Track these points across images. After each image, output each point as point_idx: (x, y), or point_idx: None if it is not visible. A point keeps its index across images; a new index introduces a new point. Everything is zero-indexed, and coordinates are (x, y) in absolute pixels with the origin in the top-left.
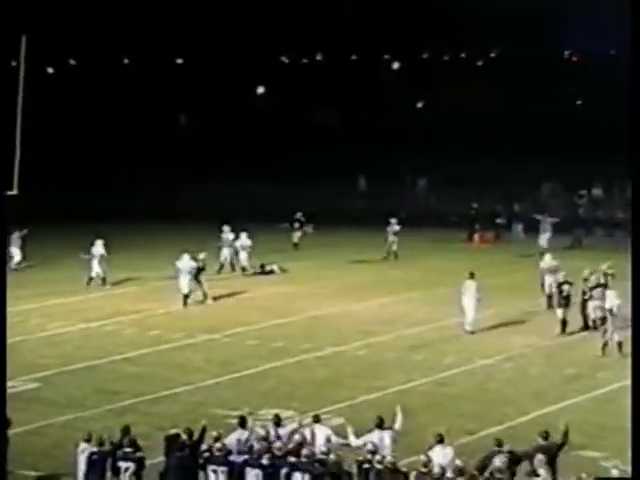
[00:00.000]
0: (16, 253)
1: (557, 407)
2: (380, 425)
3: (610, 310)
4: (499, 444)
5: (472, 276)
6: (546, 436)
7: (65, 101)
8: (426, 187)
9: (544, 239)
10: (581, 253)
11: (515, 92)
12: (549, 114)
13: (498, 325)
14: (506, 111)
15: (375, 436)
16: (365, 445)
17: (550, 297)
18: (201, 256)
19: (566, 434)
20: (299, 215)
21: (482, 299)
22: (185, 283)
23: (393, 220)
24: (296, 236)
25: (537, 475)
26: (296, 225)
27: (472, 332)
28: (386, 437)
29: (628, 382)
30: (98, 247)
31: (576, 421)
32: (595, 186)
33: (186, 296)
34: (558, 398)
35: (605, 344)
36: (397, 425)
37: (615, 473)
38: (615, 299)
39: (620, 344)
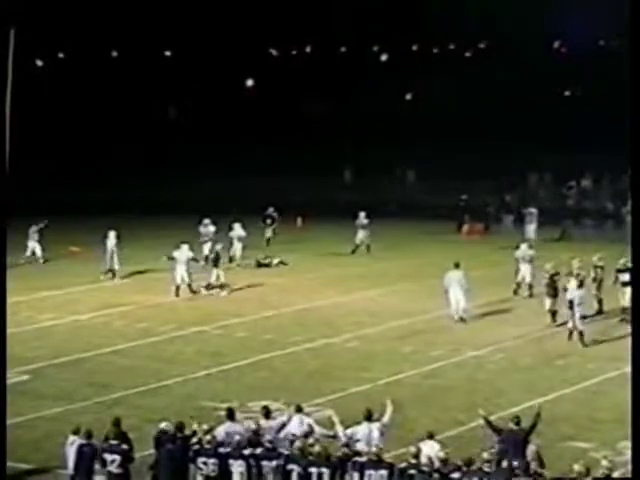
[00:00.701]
0: (33, 246)
1: (547, 398)
2: (368, 418)
3: (571, 301)
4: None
5: (457, 266)
6: (517, 422)
7: (54, 94)
8: (415, 179)
9: (531, 230)
10: (570, 244)
11: (504, 83)
12: (538, 105)
13: (487, 316)
14: (495, 102)
15: (363, 428)
16: (352, 437)
17: (519, 285)
18: (218, 247)
19: (538, 415)
20: (271, 210)
21: (469, 289)
22: (181, 273)
23: (362, 214)
24: (268, 232)
25: (530, 472)
26: (268, 221)
27: (462, 319)
28: (374, 430)
29: (617, 373)
30: (111, 239)
31: (566, 412)
32: (584, 177)
33: (177, 287)
34: (548, 389)
35: (570, 333)
36: (386, 418)
37: (605, 464)
38: (576, 290)
39: (582, 333)
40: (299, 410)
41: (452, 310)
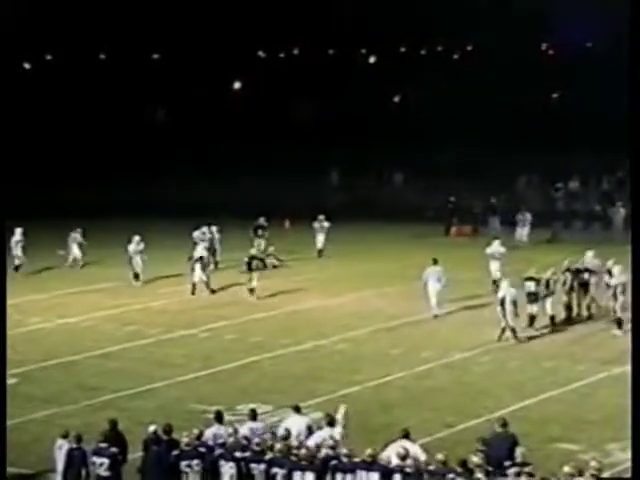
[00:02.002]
0: (74, 251)
1: (535, 400)
2: (330, 423)
3: (502, 299)
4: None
5: (435, 262)
6: (503, 423)
7: (42, 97)
8: (403, 181)
9: (524, 234)
10: (560, 246)
11: (491, 85)
12: (526, 107)
13: (475, 318)
14: (483, 104)
15: (324, 434)
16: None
17: (494, 282)
18: (252, 251)
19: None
20: (262, 220)
21: (446, 285)
22: (198, 272)
23: (321, 217)
24: (261, 243)
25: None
26: (259, 232)
27: (436, 316)
28: (336, 435)
29: (606, 374)
30: (134, 243)
31: (554, 414)
32: (572, 179)
33: (196, 282)
34: (536, 391)
35: (503, 330)
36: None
37: (593, 465)
38: (509, 288)
39: (513, 329)
40: (297, 410)
41: (429, 304)
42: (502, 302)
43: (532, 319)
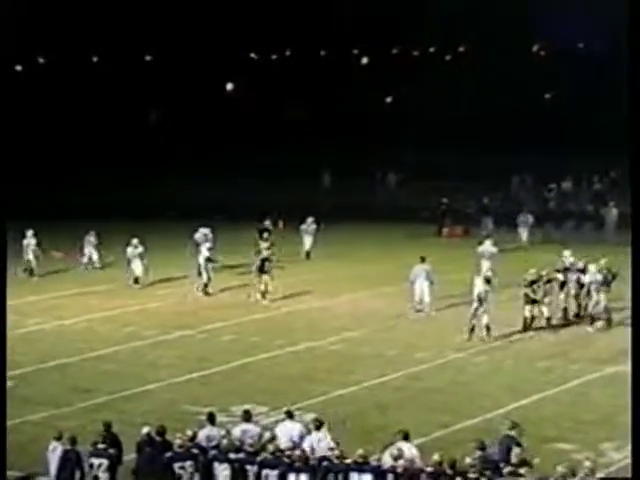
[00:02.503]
0: (90, 252)
1: (531, 400)
2: (318, 427)
3: (478, 296)
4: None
5: (423, 260)
6: (513, 426)
7: (34, 100)
8: (396, 182)
9: (524, 236)
10: (553, 247)
11: (484, 86)
12: (518, 108)
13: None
14: (475, 105)
15: (312, 438)
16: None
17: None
18: (265, 253)
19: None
20: (267, 224)
21: (434, 283)
22: (205, 273)
23: (309, 220)
24: (263, 247)
25: (520, 475)
26: (265, 235)
27: (421, 311)
28: (323, 439)
29: (600, 374)
30: (132, 247)
31: (549, 414)
32: (565, 179)
33: (205, 284)
34: (531, 391)
35: (472, 328)
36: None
37: (587, 465)
38: (482, 285)
39: (488, 327)
40: (290, 416)
41: (414, 301)
42: (479, 299)
43: (527, 320)
